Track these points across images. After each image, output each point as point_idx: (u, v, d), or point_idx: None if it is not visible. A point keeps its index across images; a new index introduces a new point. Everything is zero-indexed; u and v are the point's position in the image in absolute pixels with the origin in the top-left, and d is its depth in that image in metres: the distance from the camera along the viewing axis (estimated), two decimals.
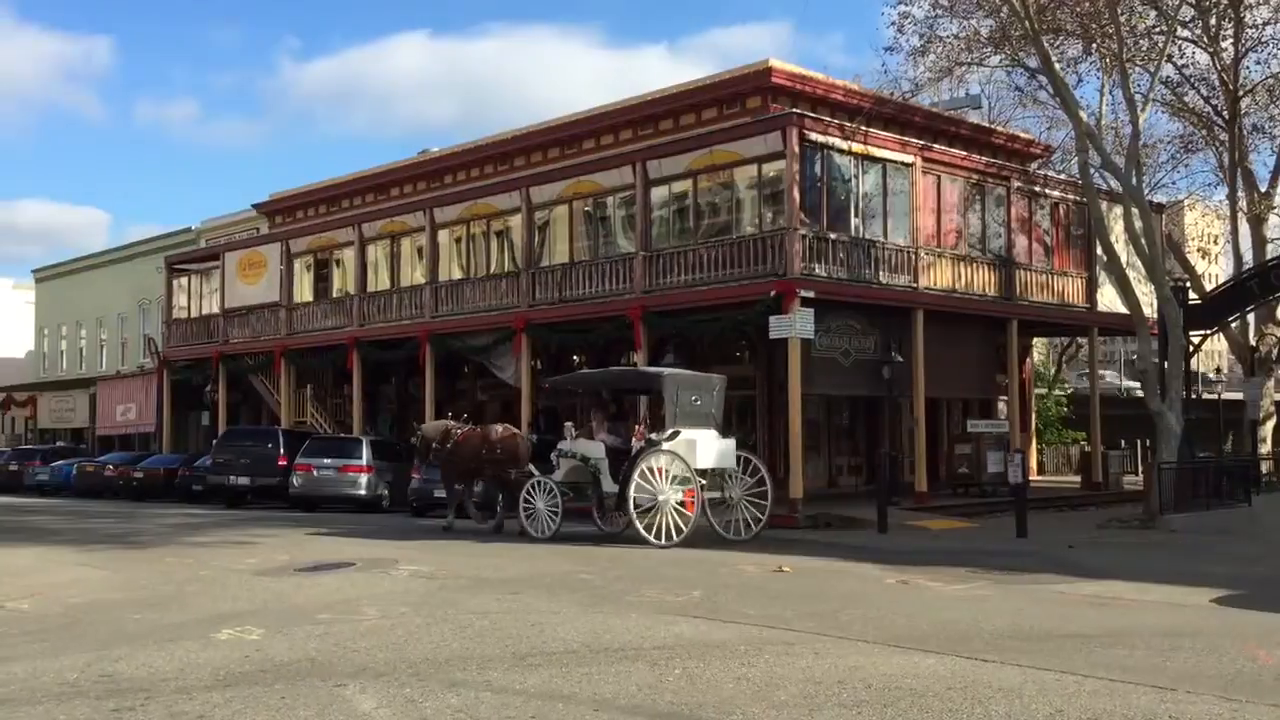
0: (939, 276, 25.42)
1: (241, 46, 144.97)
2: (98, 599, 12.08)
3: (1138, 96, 23.94)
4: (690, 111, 29.69)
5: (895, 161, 24.90)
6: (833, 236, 23.51)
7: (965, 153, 27.90)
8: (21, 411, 52.93)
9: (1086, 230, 28.67)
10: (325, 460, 27.27)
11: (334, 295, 34.37)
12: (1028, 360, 34.31)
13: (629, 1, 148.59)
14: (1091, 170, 24.07)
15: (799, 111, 24.58)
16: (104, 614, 10.91)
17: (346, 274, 33.95)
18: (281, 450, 28.02)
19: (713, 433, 17.51)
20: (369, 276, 33.02)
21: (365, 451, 27.40)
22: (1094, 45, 24.04)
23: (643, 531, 16.33)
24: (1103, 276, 28.61)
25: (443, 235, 31.05)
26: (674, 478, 16.52)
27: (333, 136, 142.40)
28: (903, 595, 11.59)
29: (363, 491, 26.91)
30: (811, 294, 22.34)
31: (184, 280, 40.37)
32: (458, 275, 30.61)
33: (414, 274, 31.95)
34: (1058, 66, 23.35)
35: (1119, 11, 22.46)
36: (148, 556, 16.23)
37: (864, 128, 24.92)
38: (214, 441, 32.11)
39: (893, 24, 24.06)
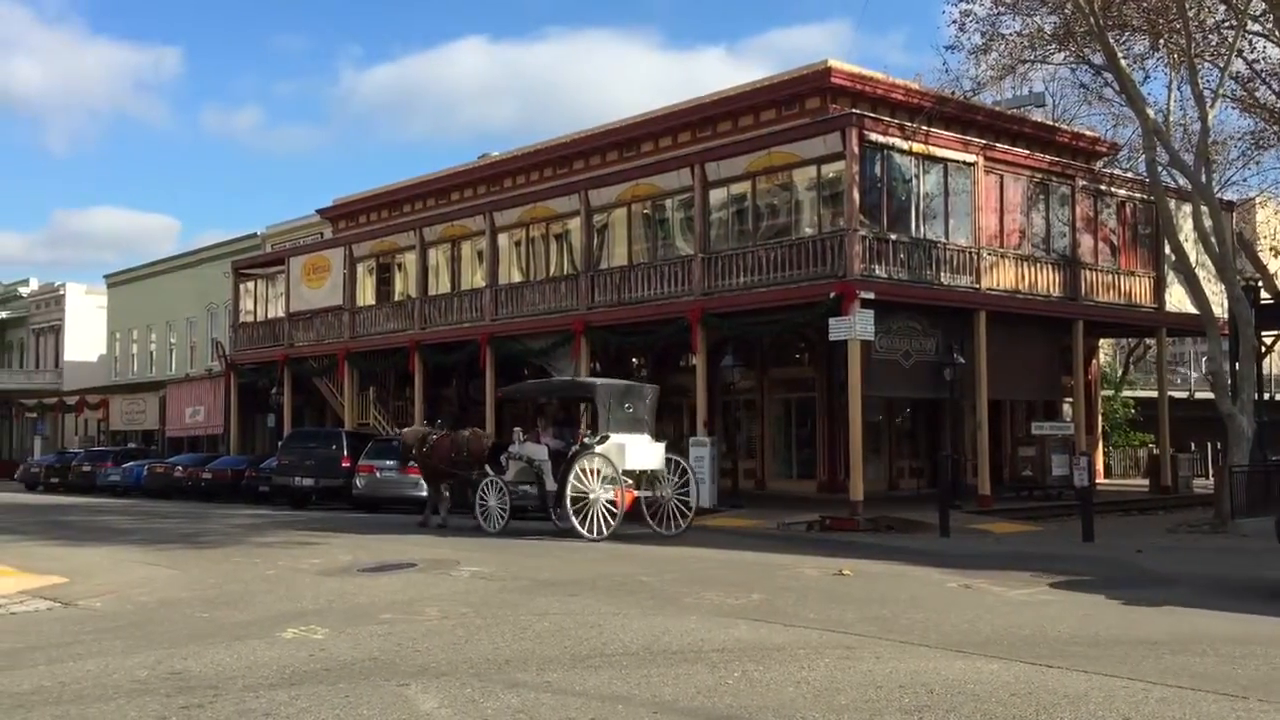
0: (1002, 277, 25.09)
1: (305, 54, 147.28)
2: (167, 598, 12.32)
3: (1207, 92, 23.45)
4: (749, 113, 29.63)
5: (957, 161, 24.63)
6: (893, 237, 23.30)
7: (1029, 151, 27.53)
8: (94, 414, 54.15)
9: (1154, 229, 28.16)
10: (387, 462, 27.52)
11: (396, 298, 34.76)
12: (1094, 361, 33.74)
13: (688, 3, 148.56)
14: (1159, 168, 23.62)
15: (859, 112, 24.41)
16: (173, 612, 11.13)
17: (408, 277, 34.31)
18: (345, 452, 28.36)
19: (645, 437, 19.04)
20: (430, 280, 33.33)
21: None
22: (1161, 41, 23.60)
23: (577, 525, 17.77)
24: (1171, 276, 28.08)
25: (502, 238, 31.27)
26: (604, 478, 18.11)
27: (393, 142, 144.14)
28: (965, 600, 11.45)
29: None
30: (871, 295, 22.16)
31: (250, 285, 41.06)
32: (517, 278, 30.81)
33: (474, 277, 32.20)
34: (1124, 63, 22.95)
35: (1187, 6, 22.02)
36: (215, 556, 16.52)
37: (925, 127, 24.67)
38: (279, 443, 32.60)
39: (954, 22, 23.82)
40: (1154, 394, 32.78)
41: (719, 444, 25.61)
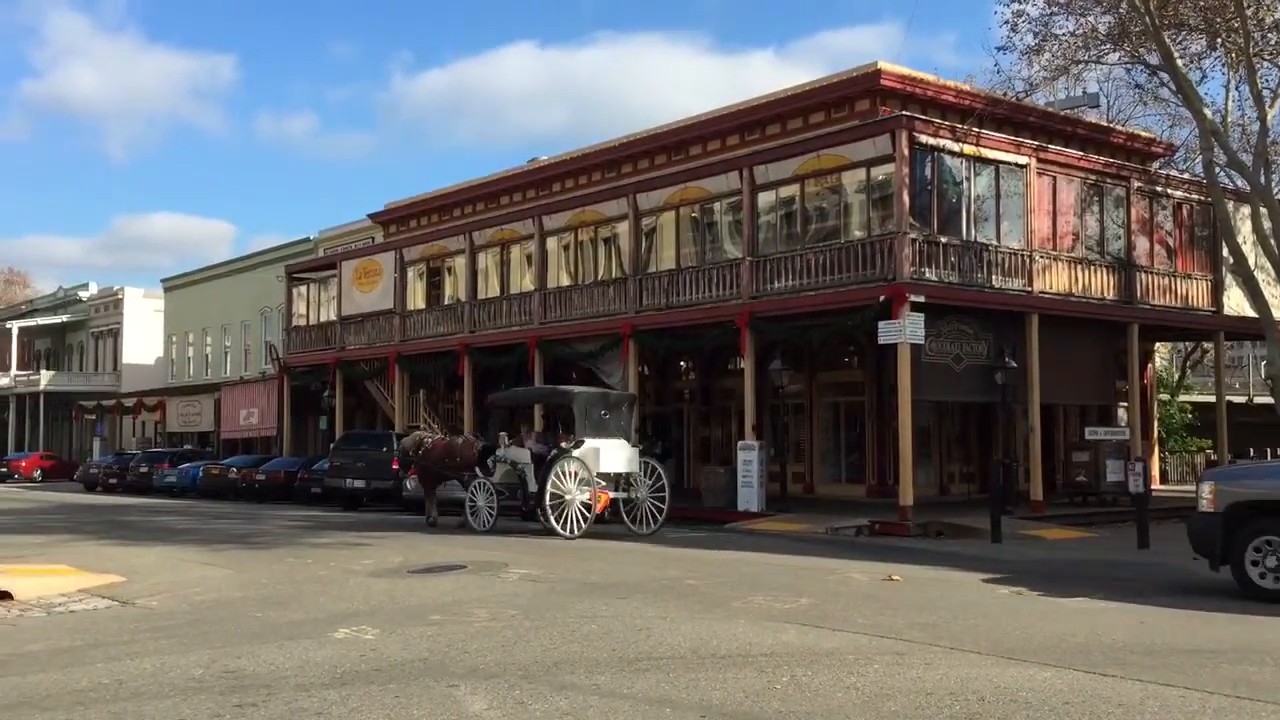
0: (1055, 280, 24.80)
1: (357, 61, 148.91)
2: (221, 597, 12.51)
3: (1266, 92, 23.02)
4: (798, 116, 29.53)
5: (1009, 163, 24.38)
6: (944, 240, 23.11)
7: (1082, 153, 27.18)
8: (151, 415, 55.05)
9: (1212, 231, 27.69)
10: None
11: (446, 302, 35.02)
12: (1149, 366, 33.23)
13: (736, 6, 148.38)
14: (1217, 169, 23.23)
15: (909, 114, 24.24)
16: (227, 612, 11.30)
17: (458, 281, 34.56)
18: (395, 454, 28.64)
19: (620, 442, 20.23)
20: (479, 284, 33.55)
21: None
22: (1219, 40, 23.20)
23: (555, 525, 18.89)
24: (1229, 279, 27.59)
25: (551, 242, 31.40)
26: (580, 480, 19.23)
27: (443, 147, 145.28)
28: (1017, 606, 11.33)
29: None
30: (921, 299, 21.99)
31: (303, 288, 41.57)
32: (566, 282, 30.92)
33: (523, 281, 32.37)
34: (1180, 63, 22.60)
35: (1245, 5, 21.64)
36: (269, 557, 16.74)
37: (976, 129, 24.45)
38: (331, 446, 32.97)
39: (1006, 23, 23.56)
40: (1211, 399, 32.23)
41: (767, 448, 25.53)
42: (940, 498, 27.68)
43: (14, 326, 64.95)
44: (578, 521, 19.03)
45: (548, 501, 18.93)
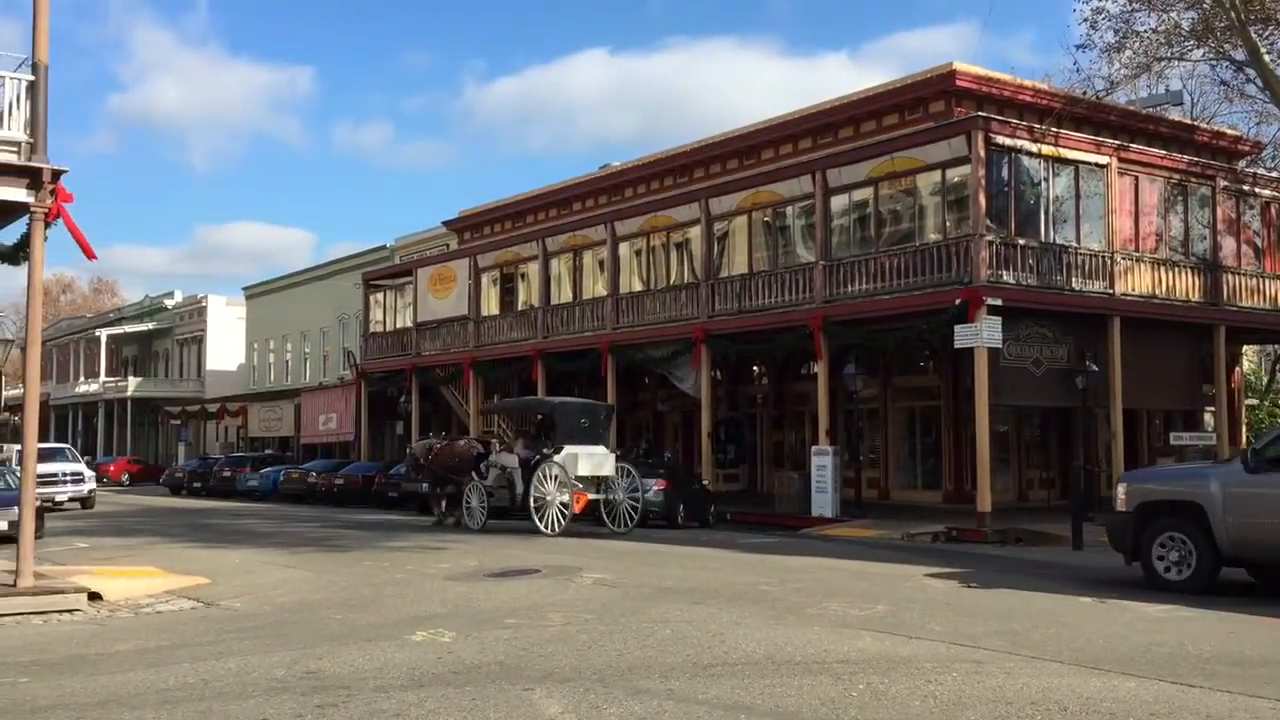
0: (1137, 282, 24.28)
1: (430, 70, 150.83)
2: (302, 599, 12.74)
3: None
4: (871, 118, 29.28)
5: (1089, 163, 23.93)
6: (1021, 242, 22.75)
7: (1165, 152, 26.58)
8: (234, 421, 56.24)
9: None
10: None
11: (519, 308, 35.30)
12: (1237, 369, 32.33)
13: (809, 10, 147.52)
14: None
15: (985, 115, 23.92)
16: (308, 614, 11.50)
17: (531, 287, 34.81)
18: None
19: (599, 448, 21.87)
20: (552, 289, 33.76)
21: None
22: None
23: (537, 523, 20.64)
24: None
25: (623, 248, 31.51)
26: (559, 482, 20.85)
27: (515, 154, 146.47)
28: (1100, 615, 11.09)
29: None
30: (999, 302, 21.66)
31: (380, 295, 42.19)
32: (638, 287, 30.99)
33: (595, 286, 32.51)
34: (1267, 58, 21.95)
35: None
36: (347, 560, 17.01)
37: (1055, 129, 24.03)
38: (408, 450, 33.37)
39: (1085, 20, 23.08)
40: None
41: (841, 453, 25.34)
42: (1019, 504, 27.22)
43: (103, 334, 66.85)
44: (557, 520, 20.63)
45: (531, 502, 20.83)
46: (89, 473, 34.13)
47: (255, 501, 38.82)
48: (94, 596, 12.70)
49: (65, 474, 32.16)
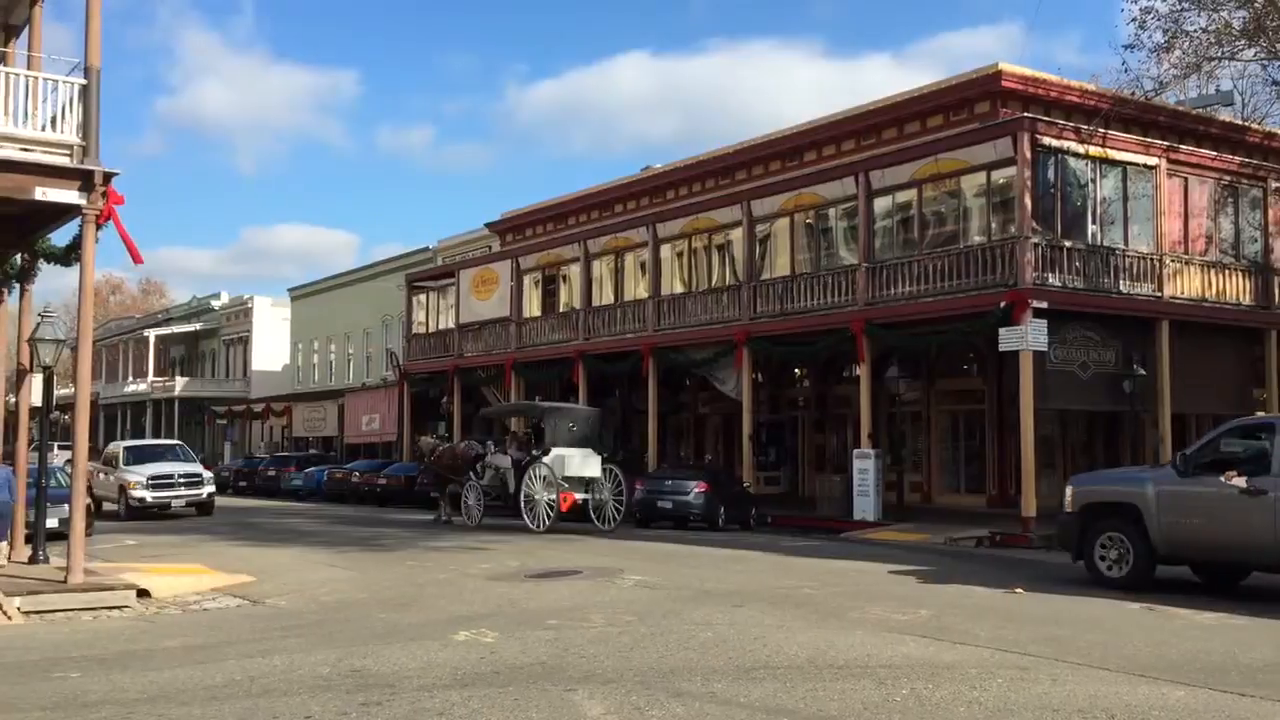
0: (1187, 284, 23.93)
1: (472, 73, 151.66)
2: (346, 598, 12.85)
3: None
4: (915, 119, 29.07)
5: (1137, 164, 23.63)
6: (1067, 244, 22.50)
7: (1215, 153, 26.17)
8: (279, 421, 56.82)
9: None
10: None
11: (561, 310, 35.38)
12: None
13: (851, 11, 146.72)
14: None
15: (1031, 115, 23.68)
16: (352, 612, 11.60)
17: (572, 289, 34.90)
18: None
19: (587, 451, 23.20)
20: (594, 291, 33.81)
21: None
22: None
23: (527, 520, 22.14)
24: None
25: (665, 250, 31.49)
26: (547, 483, 22.27)
27: (556, 156, 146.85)
28: (1148, 622, 10.94)
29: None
30: (1044, 305, 21.44)
31: (422, 297, 42.44)
32: (679, 289, 30.97)
33: (637, 288, 32.52)
34: None
35: None
36: (390, 559, 17.14)
37: (1102, 130, 23.74)
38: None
39: (1133, 20, 22.75)
40: None
41: (883, 456, 25.17)
42: None
43: (151, 334, 67.82)
44: (545, 518, 22.08)
45: (522, 501, 22.30)
46: (206, 473, 30.39)
47: (299, 501, 39.20)
48: (143, 593, 12.89)
49: (179, 475, 28.95)
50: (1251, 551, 12.66)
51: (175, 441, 36.30)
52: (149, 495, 28.23)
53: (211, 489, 29.78)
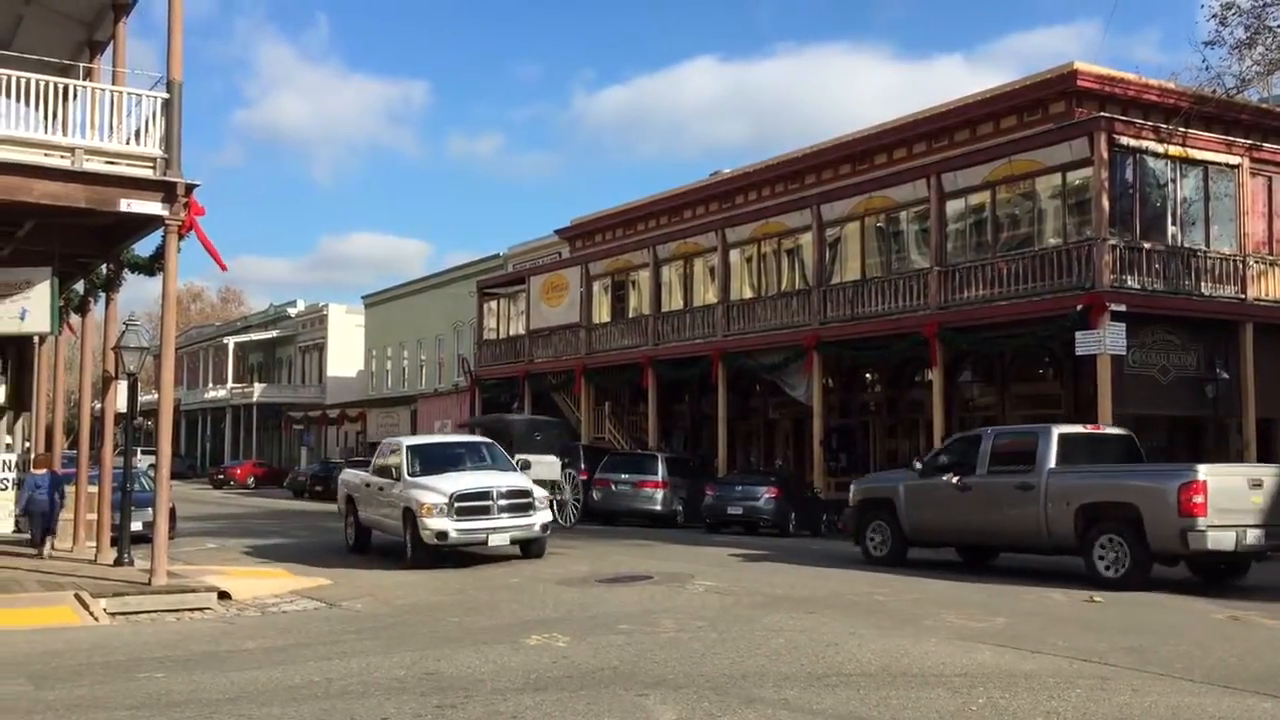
0: (1272, 286, 23.31)
1: (540, 81, 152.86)
2: (420, 602, 13.01)
3: None
4: (988, 120, 28.67)
5: (1218, 163, 23.08)
6: (1146, 246, 22.04)
7: None
8: (353, 425, 57.68)
9: None
10: (622, 475, 28.19)
11: (630, 315, 35.47)
12: None
13: (921, 12, 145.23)
14: None
15: (1108, 115, 23.23)
16: (426, 616, 11.74)
17: (642, 295, 34.96)
18: (582, 465, 29.14)
19: (551, 458, 24.99)
20: (663, 296, 33.85)
21: (660, 468, 28.11)
22: None
23: (559, 519, 22.76)
24: None
25: (734, 255, 31.43)
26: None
27: (625, 162, 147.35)
28: (1233, 632, 10.67)
29: (658, 506, 27.62)
30: (1122, 307, 21.02)
31: (493, 303, 42.84)
32: (749, 294, 30.88)
33: (706, 294, 32.50)
34: None
35: None
36: (463, 564, 17.27)
37: (1182, 129, 23.22)
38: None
39: (1214, 16, 22.23)
40: None
41: None
42: None
43: (230, 342, 69.28)
44: (573, 516, 24.96)
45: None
46: (539, 490, 17.86)
47: None
48: (223, 595, 13.18)
49: (499, 492, 17.14)
50: (967, 534, 16.18)
51: (481, 440, 21.62)
52: (453, 528, 16.63)
53: (547, 518, 17.75)
